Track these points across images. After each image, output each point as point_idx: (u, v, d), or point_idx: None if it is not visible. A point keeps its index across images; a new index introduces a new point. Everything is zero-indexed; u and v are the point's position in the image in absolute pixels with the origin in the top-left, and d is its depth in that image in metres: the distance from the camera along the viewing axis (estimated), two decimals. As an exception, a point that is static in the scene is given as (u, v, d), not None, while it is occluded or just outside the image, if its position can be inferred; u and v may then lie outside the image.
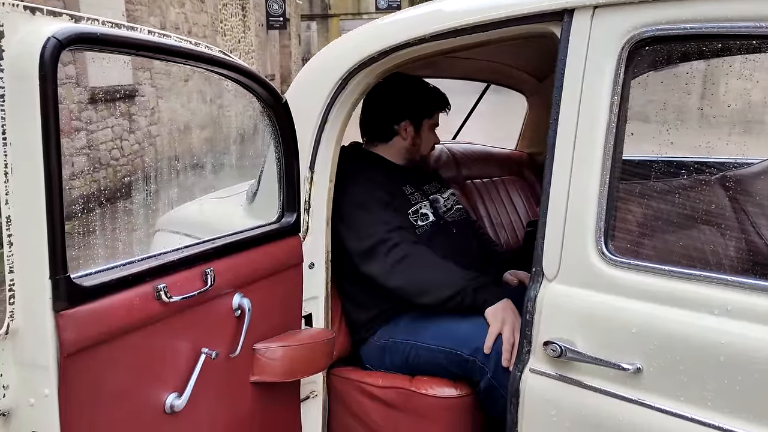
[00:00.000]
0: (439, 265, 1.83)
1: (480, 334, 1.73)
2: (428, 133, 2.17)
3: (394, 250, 1.83)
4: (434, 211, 2.11)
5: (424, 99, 2.15)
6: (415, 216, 2.02)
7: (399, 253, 1.83)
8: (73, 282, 1.13)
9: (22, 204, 1.07)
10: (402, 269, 1.82)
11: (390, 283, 1.84)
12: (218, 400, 1.52)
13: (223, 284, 1.47)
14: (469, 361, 1.73)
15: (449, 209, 2.18)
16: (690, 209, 1.56)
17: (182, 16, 10.09)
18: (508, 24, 1.45)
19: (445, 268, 1.83)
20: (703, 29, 1.19)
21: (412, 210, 2.03)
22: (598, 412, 1.30)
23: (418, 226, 2.01)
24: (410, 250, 1.84)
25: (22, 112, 1.04)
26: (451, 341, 1.77)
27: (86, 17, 1.14)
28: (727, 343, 1.15)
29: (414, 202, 2.06)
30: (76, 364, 1.15)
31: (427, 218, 2.05)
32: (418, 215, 2.04)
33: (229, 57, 1.48)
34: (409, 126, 2.13)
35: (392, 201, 1.98)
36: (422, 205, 2.07)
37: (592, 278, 1.31)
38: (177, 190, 7.50)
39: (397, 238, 1.85)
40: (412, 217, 2.02)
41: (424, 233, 2.00)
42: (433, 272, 1.82)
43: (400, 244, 1.84)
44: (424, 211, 2.06)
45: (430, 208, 2.09)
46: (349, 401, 1.92)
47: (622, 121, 1.30)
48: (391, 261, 1.82)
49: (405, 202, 2.03)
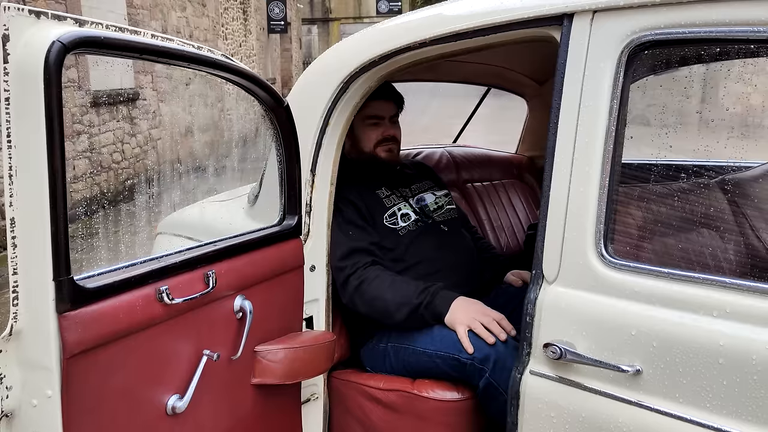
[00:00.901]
0: (394, 285, 1.81)
1: (474, 337, 1.73)
2: (365, 129, 2.05)
3: (350, 278, 1.84)
4: (420, 209, 2.08)
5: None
6: (392, 218, 2.00)
7: (353, 282, 1.83)
8: (75, 284, 1.14)
9: (26, 206, 1.08)
10: (360, 296, 1.83)
11: (356, 309, 1.87)
12: (219, 402, 1.53)
13: (224, 286, 1.48)
14: (467, 365, 1.73)
15: (440, 208, 2.14)
16: (689, 212, 1.57)
17: (184, 20, 10.12)
18: (509, 28, 1.46)
19: (398, 287, 1.81)
20: (702, 33, 1.20)
21: (387, 213, 2.01)
22: (597, 414, 1.31)
23: (399, 228, 1.99)
24: (364, 276, 1.83)
25: (26, 114, 1.05)
26: (447, 345, 1.77)
27: (90, 21, 1.15)
28: (726, 345, 1.16)
29: (389, 204, 2.04)
30: (79, 366, 1.15)
31: (408, 218, 2.02)
32: (397, 216, 2.01)
33: (231, 60, 1.49)
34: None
35: (361, 209, 1.95)
36: (401, 206, 2.04)
37: (592, 281, 1.31)
38: (179, 193, 7.52)
39: (350, 267, 1.84)
40: (389, 221, 2.00)
41: (408, 233, 1.99)
42: (389, 294, 1.80)
43: (356, 272, 1.84)
44: (405, 211, 2.04)
45: (413, 208, 2.06)
46: (349, 404, 1.92)
47: (621, 124, 1.31)
48: (350, 290, 1.84)
49: (378, 206, 2.01)
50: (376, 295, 1.81)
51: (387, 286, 1.81)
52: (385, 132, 2.07)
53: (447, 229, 2.09)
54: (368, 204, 1.99)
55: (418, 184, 2.18)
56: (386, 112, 2.07)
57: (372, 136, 2.06)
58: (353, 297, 1.84)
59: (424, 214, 2.08)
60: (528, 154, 3.23)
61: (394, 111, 2.11)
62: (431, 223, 2.06)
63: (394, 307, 1.79)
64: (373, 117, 2.04)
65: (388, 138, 2.08)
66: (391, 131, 2.09)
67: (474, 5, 1.54)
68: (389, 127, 2.09)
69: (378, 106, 2.04)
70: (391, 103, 2.09)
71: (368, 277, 1.83)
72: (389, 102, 2.08)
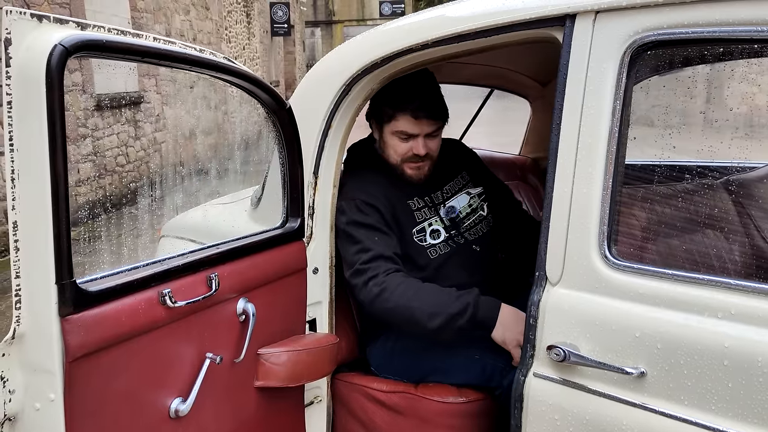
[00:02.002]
0: (422, 293, 1.67)
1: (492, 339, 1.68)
2: (392, 140, 1.86)
3: (370, 283, 1.71)
4: (450, 222, 1.92)
5: (382, 99, 1.84)
6: (421, 234, 1.87)
7: (374, 289, 1.70)
8: (78, 287, 1.14)
9: (29, 210, 1.08)
10: (382, 303, 1.70)
11: (378, 316, 1.76)
12: (222, 405, 1.52)
13: (227, 289, 1.48)
14: (488, 364, 1.72)
15: (473, 212, 1.97)
16: (693, 213, 1.56)
17: (187, 24, 10.15)
18: (511, 29, 1.46)
19: (427, 295, 1.67)
20: (705, 34, 1.19)
21: (417, 229, 1.87)
22: (601, 417, 1.30)
23: (428, 246, 1.86)
24: (386, 284, 1.69)
25: (29, 118, 1.05)
26: (466, 346, 1.75)
27: (92, 24, 1.15)
28: (730, 346, 1.15)
29: (420, 219, 1.88)
30: (82, 369, 1.15)
31: (438, 235, 1.87)
32: (426, 233, 1.87)
33: (233, 63, 1.49)
34: (375, 127, 1.93)
35: (386, 217, 1.83)
36: (432, 222, 1.89)
37: (595, 282, 1.31)
38: (182, 196, 7.53)
39: (372, 270, 1.72)
40: (417, 236, 1.86)
41: (439, 256, 1.85)
42: (416, 302, 1.66)
43: (377, 277, 1.71)
44: (435, 227, 1.88)
45: (443, 222, 1.91)
46: (353, 406, 1.92)
47: (624, 125, 1.30)
48: (371, 296, 1.71)
49: (409, 220, 1.87)
50: (401, 304, 1.67)
51: (413, 293, 1.67)
52: (415, 149, 1.83)
53: (479, 249, 1.93)
54: (397, 214, 1.85)
55: (452, 183, 1.98)
56: (419, 130, 1.83)
57: (398, 149, 1.86)
58: (374, 303, 1.72)
59: (454, 227, 1.92)
60: (531, 156, 3.22)
61: (430, 128, 1.84)
62: (463, 244, 1.91)
63: (425, 316, 1.64)
64: (402, 133, 1.84)
65: (417, 157, 1.85)
66: (422, 149, 1.83)
67: (476, 7, 1.53)
68: (421, 144, 1.83)
69: (407, 124, 1.81)
70: (425, 121, 1.82)
71: (390, 285, 1.69)
72: (423, 120, 1.81)
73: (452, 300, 1.65)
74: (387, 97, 1.84)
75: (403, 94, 1.82)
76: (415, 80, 1.84)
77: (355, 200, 1.84)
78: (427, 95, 1.84)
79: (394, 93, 1.83)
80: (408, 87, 1.82)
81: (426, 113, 1.82)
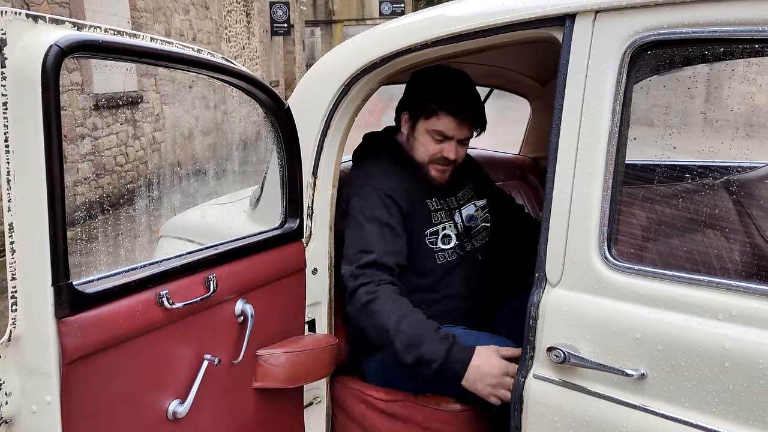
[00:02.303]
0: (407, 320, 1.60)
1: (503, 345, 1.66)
2: (425, 138, 1.81)
3: (360, 290, 1.66)
4: (466, 228, 1.89)
5: (424, 94, 1.81)
6: (433, 237, 1.83)
7: (363, 297, 1.65)
8: (75, 289, 1.13)
9: (25, 211, 1.07)
10: (368, 316, 1.65)
11: (358, 325, 1.70)
12: (221, 407, 1.52)
13: (225, 290, 1.47)
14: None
15: (479, 225, 1.96)
16: (694, 213, 1.56)
17: (187, 23, 10.14)
18: (510, 29, 1.45)
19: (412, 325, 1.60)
20: (705, 33, 1.18)
21: (431, 230, 1.83)
22: (601, 419, 1.29)
23: (437, 251, 1.83)
24: (378, 295, 1.64)
25: (24, 119, 1.04)
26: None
27: (89, 25, 1.14)
28: (731, 348, 1.14)
29: (436, 221, 1.84)
30: (78, 371, 1.15)
31: (448, 241, 1.83)
32: (438, 236, 1.83)
33: (231, 63, 1.48)
34: (408, 120, 1.87)
35: (406, 216, 1.77)
36: (446, 226, 1.85)
37: (596, 283, 1.30)
38: (182, 197, 7.52)
39: (366, 277, 1.67)
40: (429, 239, 1.82)
41: (446, 263, 1.83)
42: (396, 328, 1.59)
43: (369, 284, 1.66)
44: (448, 232, 1.84)
45: (457, 227, 1.87)
46: (352, 408, 1.91)
47: (624, 125, 1.30)
48: (357, 304, 1.66)
49: (424, 220, 1.83)
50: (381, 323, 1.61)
51: (397, 318, 1.60)
52: (446, 152, 1.80)
53: (481, 257, 1.92)
54: (415, 212, 1.81)
55: (462, 192, 1.96)
56: (457, 133, 1.79)
57: (430, 148, 1.82)
58: (359, 312, 1.67)
59: (466, 234, 1.89)
60: (531, 156, 3.21)
61: (466, 134, 1.82)
62: (469, 251, 1.89)
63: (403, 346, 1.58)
64: (439, 133, 1.79)
65: (445, 160, 1.82)
66: (453, 154, 1.81)
67: (475, 6, 1.53)
68: (453, 148, 1.80)
69: (449, 125, 1.77)
70: (467, 126, 1.79)
71: (380, 297, 1.63)
72: (466, 124, 1.78)
73: (431, 341, 1.57)
74: (431, 93, 1.79)
75: (452, 94, 1.78)
76: (462, 82, 1.83)
77: (379, 190, 1.78)
78: (474, 100, 1.82)
79: (440, 90, 1.78)
80: (456, 88, 1.79)
81: (470, 118, 1.79)
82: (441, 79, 1.79)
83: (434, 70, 1.83)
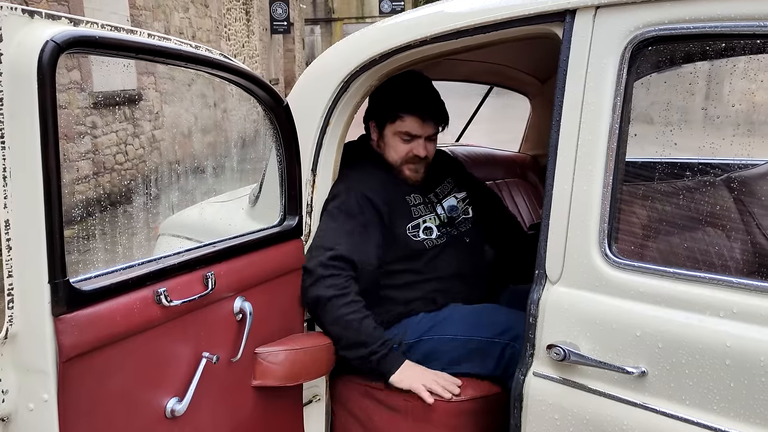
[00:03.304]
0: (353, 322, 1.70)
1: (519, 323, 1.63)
2: (394, 140, 1.89)
3: (325, 280, 1.70)
4: (449, 219, 1.96)
5: (387, 100, 1.89)
6: (414, 230, 1.89)
7: (328, 291, 1.70)
8: (72, 286, 1.12)
9: (21, 208, 1.06)
10: (326, 310, 1.71)
11: (313, 314, 1.77)
12: (220, 405, 1.51)
13: (224, 288, 1.47)
14: (507, 347, 1.71)
15: (463, 212, 2.03)
16: (694, 211, 1.55)
17: (186, 21, 10.12)
18: (510, 25, 1.44)
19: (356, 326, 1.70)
20: (707, 29, 1.17)
21: (411, 224, 1.89)
22: (602, 417, 1.29)
23: (423, 239, 1.89)
24: (342, 291, 1.70)
25: (20, 115, 1.03)
26: (486, 330, 1.74)
27: (85, 20, 1.13)
28: (732, 346, 1.14)
29: (416, 215, 1.91)
30: (76, 369, 1.14)
31: (430, 232, 1.90)
32: (419, 229, 1.90)
33: (228, 60, 1.48)
34: (375, 127, 1.95)
35: (383, 216, 1.83)
36: (426, 219, 1.92)
37: (596, 281, 1.29)
38: (181, 195, 7.52)
39: (336, 269, 1.71)
40: (411, 232, 1.88)
41: (433, 248, 1.89)
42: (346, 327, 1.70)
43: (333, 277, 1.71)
44: (428, 225, 1.91)
45: (439, 219, 1.94)
46: (351, 405, 1.91)
47: (625, 122, 1.29)
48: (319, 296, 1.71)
49: (404, 215, 1.89)
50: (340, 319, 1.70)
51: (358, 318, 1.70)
52: (416, 150, 1.88)
53: (469, 240, 1.98)
54: (393, 209, 1.87)
55: (441, 187, 2.03)
56: (422, 131, 1.88)
57: (399, 150, 1.90)
58: (317, 304, 1.71)
59: (450, 224, 1.96)
60: (531, 153, 3.21)
61: (432, 131, 1.90)
62: (456, 235, 1.95)
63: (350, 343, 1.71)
64: (406, 134, 1.88)
65: (416, 158, 1.90)
66: (422, 151, 1.89)
67: (475, 2, 1.52)
68: (422, 145, 1.89)
69: (413, 125, 1.86)
70: (431, 123, 1.88)
71: (345, 294, 1.70)
72: (429, 122, 1.87)
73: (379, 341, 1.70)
74: (392, 98, 1.89)
75: (411, 96, 1.88)
76: (419, 84, 1.92)
77: (355, 191, 1.82)
78: (433, 99, 1.91)
79: (400, 94, 1.88)
80: (414, 90, 1.89)
81: (433, 116, 1.89)
82: (400, 84, 1.88)
83: (394, 78, 1.87)
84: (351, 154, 1.99)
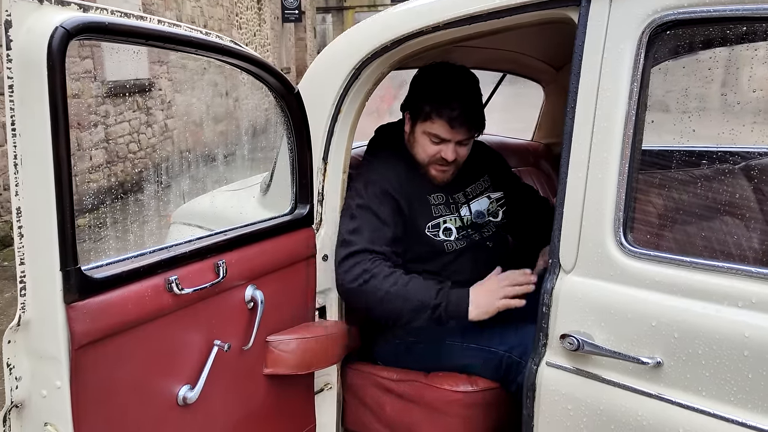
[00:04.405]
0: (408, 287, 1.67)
1: (513, 332, 1.70)
2: (423, 139, 1.80)
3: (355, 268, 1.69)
4: (471, 223, 1.88)
5: (422, 95, 1.80)
6: (434, 230, 1.83)
7: (364, 275, 1.68)
8: (83, 274, 1.12)
9: (33, 195, 1.06)
10: (367, 294, 1.68)
11: (356, 304, 1.76)
12: (231, 393, 1.51)
13: (235, 276, 1.46)
14: (504, 357, 1.70)
15: (493, 215, 1.94)
16: (712, 200, 1.52)
17: (198, 10, 10.12)
18: (524, 9, 1.41)
19: (412, 289, 1.67)
20: (727, 12, 1.14)
21: (431, 223, 1.83)
22: (616, 407, 1.27)
23: (443, 241, 1.83)
24: (374, 271, 1.68)
25: (31, 102, 1.03)
26: (484, 339, 1.74)
27: (95, 6, 1.13)
28: (751, 336, 1.11)
29: (436, 214, 1.85)
30: (88, 356, 1.14)
31: (449, 233, 1.84)
32: (439, 229, 1.84)
33: (239, 47, 1.46)
34: (408, 119, 1.86)
35: (403, 210, 1.79)
36: (447, 219, 1.85)
37: (610, 270, 1.27)
38: (195, 183, 7.55)
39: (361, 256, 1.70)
40: (431, 231, 1.83)
41: (454, 251, 1.84)
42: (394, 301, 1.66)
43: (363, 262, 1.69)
44: (448, 225, 1.85)
45: (462, 220, 1.87)
46: (363, 394, 1.91)
47: (641, 109, 1.26)
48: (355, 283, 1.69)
49: (425, 213, 1.83)
50: (386, 294, 1.66)
51: (401, 286, 1.66)
52: (444, 153, 1.78)
53: (491, 245, 1.91)
54: (414, 207, 1.81)
55: (475, 185, 1.94)
56: (452, 137, 1.76)
57: (428, 150, 1.80)
58: (357, 290, 1.69)
59: (474, 226, 1.89)
60: (545, 141, 3.17)
61: (463, 137, 1.78)
62: (477, 240, 1.88)
63: (409, 312, 1.66)
64: (435, 136, 1.77)
65: (444, 160, 1.79)
66: (451, 155, 1.78)
67: (488, -13, 1.49)
68: (451, 149, 1.77)
69: (443, 129, 1.75)
70: (462, 129, 1.76)
71: (377, 274, 1.67)
72: (460, 128, 1.75)
73: (434, 293, 1.67)
74: (428, 95, 1.78)
75: (445, 98, 1.74)
76: (459, 83, 1.79)
77: (377, 184, 1.79)
78: (468, 103, 1.77)
79: (435, 93, 1.76)
80: (451, 90, 1.76)
81: (463, 123, 1.75)
82: (439, 79, 1.76)
83: (436, 69, 1.81)
84: (382, 139, 1.94)
